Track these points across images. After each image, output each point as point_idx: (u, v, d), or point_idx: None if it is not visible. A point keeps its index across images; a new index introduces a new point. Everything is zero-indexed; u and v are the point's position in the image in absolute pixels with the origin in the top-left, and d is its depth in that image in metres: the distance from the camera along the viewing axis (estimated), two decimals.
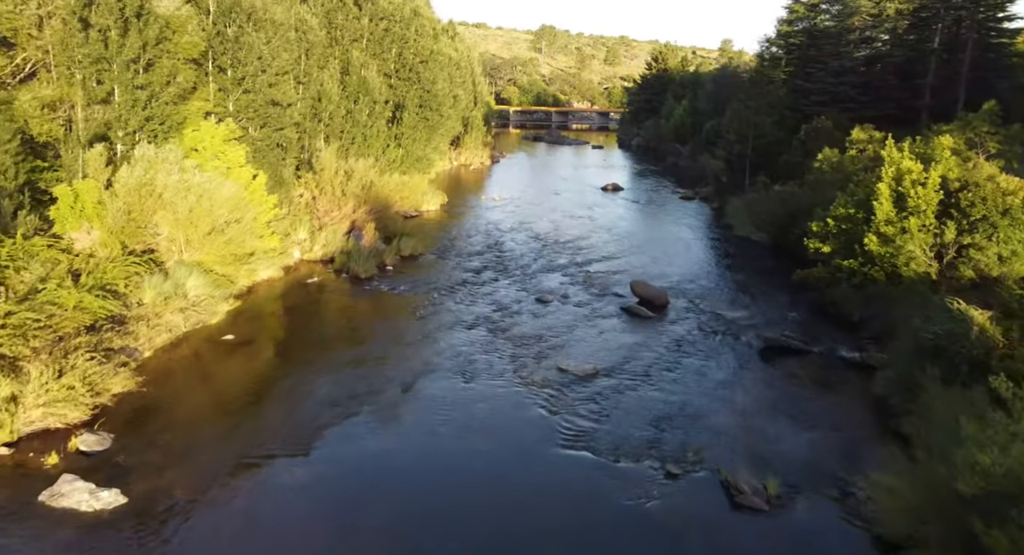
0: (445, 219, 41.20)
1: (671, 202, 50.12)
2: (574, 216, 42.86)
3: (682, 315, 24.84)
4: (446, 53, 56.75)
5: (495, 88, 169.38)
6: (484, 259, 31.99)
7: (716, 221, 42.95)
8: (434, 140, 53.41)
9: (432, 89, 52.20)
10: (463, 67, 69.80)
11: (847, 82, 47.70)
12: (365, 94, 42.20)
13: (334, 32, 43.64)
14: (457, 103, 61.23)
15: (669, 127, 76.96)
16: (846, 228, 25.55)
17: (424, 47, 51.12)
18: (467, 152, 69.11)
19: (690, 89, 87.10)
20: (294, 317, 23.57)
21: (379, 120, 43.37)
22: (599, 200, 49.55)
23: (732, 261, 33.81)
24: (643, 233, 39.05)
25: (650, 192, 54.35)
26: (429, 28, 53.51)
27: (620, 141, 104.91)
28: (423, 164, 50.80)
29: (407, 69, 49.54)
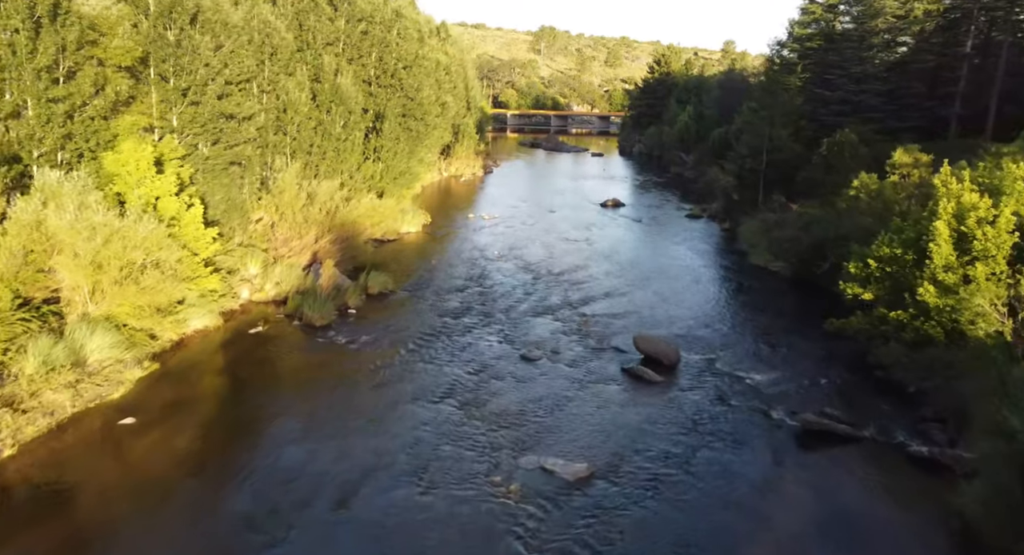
0: (426, 244, 36.93)
1: (676, 221, 45.86)
2: (570, 239, 38.59)
3: (696, 379, 20.55)
4: (433, 57, 52.53)
5: (492, 91, 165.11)
6: (465, 297, 27.73)
7: (728, 245, 38.66)
8: (419, 152, 49.20)
9: (416, 97, 48.01)
10: (454, 71, 65.59)
11: (869, 90, 43.48)
12: (339, 103, 37.99)
13: (305, 35, 39.41)
14: (446, 111, 57.03)
15: (673, 135, 72.73)
16: (892, 271, 21.29)
17: (407, 51, 46.90)
18: (458, 162, 64.91)
19: (694, 94, 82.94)
20: (218, 387, 19.27)
21: (355, 132, 39.15)
22: (598, 219, 45.28)
23: (750, 298, 29.53)
24: (647, 261, 34.77)
25: (653, 208, 50.08)
26: (413, 31, 49.30)
27: (621, 147, 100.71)
28: (406, 178, 46.58)
29: (388, 75, 45.33)
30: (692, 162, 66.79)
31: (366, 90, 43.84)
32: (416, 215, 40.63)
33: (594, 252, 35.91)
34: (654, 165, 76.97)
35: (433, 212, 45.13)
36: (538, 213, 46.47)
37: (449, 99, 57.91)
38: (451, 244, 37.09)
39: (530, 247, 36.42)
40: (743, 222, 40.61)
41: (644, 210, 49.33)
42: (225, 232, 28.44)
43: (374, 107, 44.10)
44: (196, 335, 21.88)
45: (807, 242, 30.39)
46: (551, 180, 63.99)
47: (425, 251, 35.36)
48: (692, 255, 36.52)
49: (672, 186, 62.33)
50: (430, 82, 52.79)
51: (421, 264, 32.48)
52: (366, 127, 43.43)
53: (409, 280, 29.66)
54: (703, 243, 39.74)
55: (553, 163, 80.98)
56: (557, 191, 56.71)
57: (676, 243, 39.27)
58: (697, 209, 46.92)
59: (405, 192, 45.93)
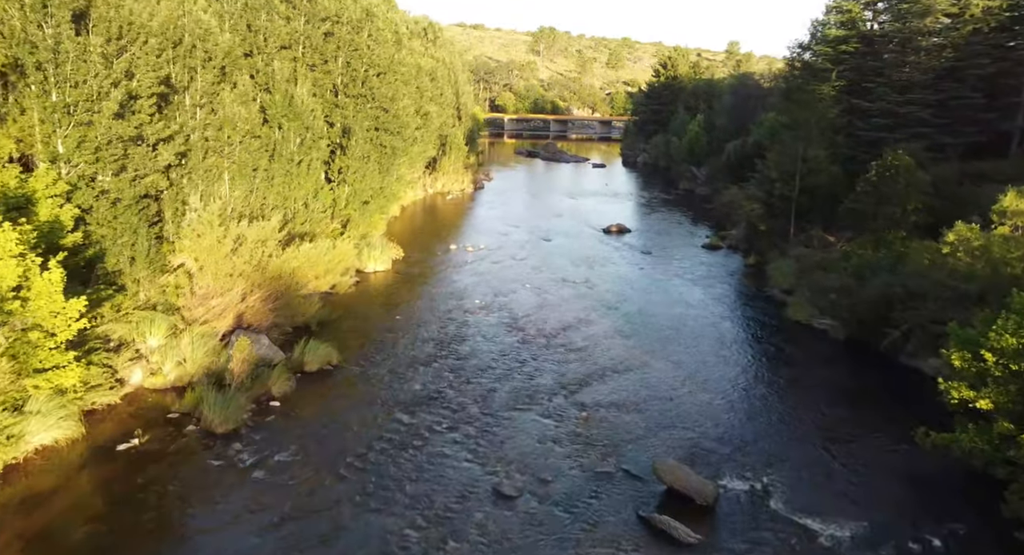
0: (393, 289, 30.63)
1: (691, 252, 39.52)
2: (568, 281, 32.28)
3: (746, 537, 14.25)
4: (412, 62, 46.24)
5: (489, 94, 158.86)
6: (430, 376, 21.45)
7: (756, 287, 32.30)
8: (395, 170, 42.96)
9: (392, 107, 41.78)
10: (441, 77, 59.36)
11: (916, 100, 37.20)
12: (293, 118, 31.81)
13: (254, 38, 33.19)
14: (429, 122, 50.80)
15: (682, 146, 66.43)
16: (1021, 370, 15.01)
17: (381, 56, 40.66)
18: (444, 177, 58.65)
19: (704, 100, 76.67)
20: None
21: (314, 151, 32.96)
22: (601, 250, 38.98)
23: (796, 374, 23.14)
24: (660, 313, 28.41)
25: (663, 235, 43.75)
26: (389, 32, 43.06)
27: (624, 157, 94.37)
28: (380, 202, 40.35)
29: (358, 83, 39.11)
30: (704, 177, 60.48)
31: (331, 101, 37.65)
32: (385, 250, 34.30)
33: (596, 300, 29.60)
34: (661, 179, 70.66)
35: (409, 242, 38.88)
36: (532, 242, 40.19)
37: (433, 108, 51.65)
38: (424, 288, 30.80)
39: (519, 293, 30.14)
40: (773, 258, 34.30)
41: (653, 237, 43.01)
42: (128, 287, 22.26)
43: (341, 120, 37.93)
44: (37, 457, 15.61)
45: (865, 297, 24.07)
46: (548, 197, 57.67)
47: (391, 299, 29.06)
48: (715, 303, 30.18)
49: (682, 205, 55.99)
50: (409, 90, 46.56)
51: (381, 321, 26.20)
52: (332, 144, 37.34)
53: (362, 347, 23.38)
54: (726, 284, 33.39)
55: (551, 175, 74.70)
56: (554, 212, 50.41)
57: (694, 284, 32.92)
58: (715, 238, 40.60)
59: (376, 218, 39.70)
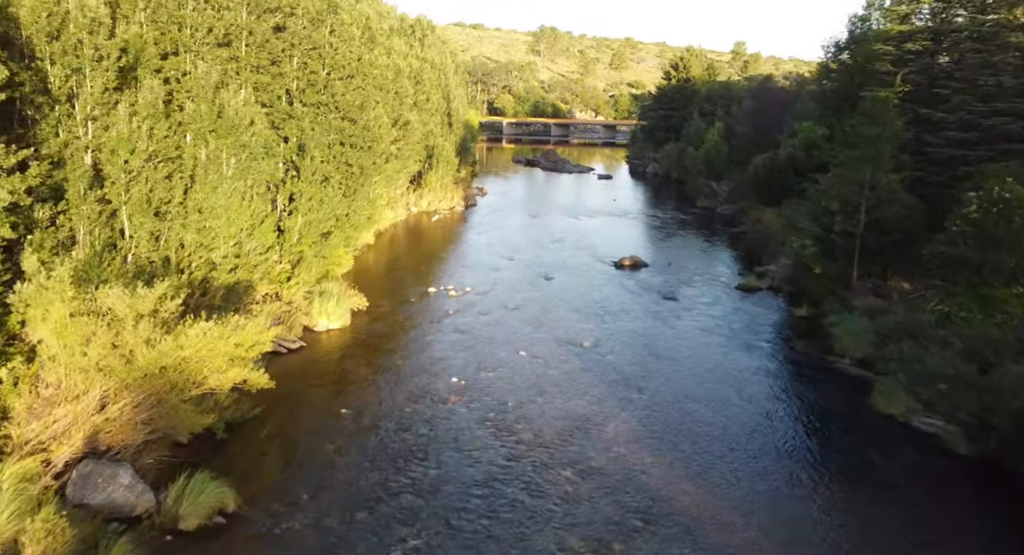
0: (344, 362, 23.36)
1: (724, 295, 32.28)
2: (574, 345, 25.08)
3: None
4: (387, 64, 39.03)
5: (488, 96, 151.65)
6: (376, 537, 14.25)
7: (819, 354, 24.97)
8: (366, 191, 35.83)
9: (360, 118, 34.67)
10: (427, 80, 52.20)
11: (1005, 110, 30.07)
12: (224, 134, 24.71)
13: (179, 33, 26.09)
14: (410, 133, 43.62)
15: (699, 156, 59.22)
16: None
17: (347, 56, 33.53)
18: (431, 195, 51.51)
19: (721, 105, 69.56)
20: None
21: (251, 174, 25.92)
22: (613, 294, 31.78)
23: (914, 517, 15.81)
24: (699, 403, 21.09)
25: (686, 272, 36.50)
26: (358, 28, 35.88)
27: (631, 166, 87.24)
28: (346, 231, 33.22)
29: (317, 89, 32.02)
30: (726, 195, 53.30)
31: (283, 111, 30.55)
32: (343, 299, 27.09)
33: (613, 378, 22.38)
34: (674, 193, 63.51)
35: (379, 283, 31.78)
36: (529, 281, 33.00)
37: (413, 117, 44.44)
38: (387, 358, 23.57)
39: (511, 365, 22.95)
40: (831, 309, 27.11)
41: (674, 275, 35.77)
42: None
43: (298, 134, 30.84)
44: None
45: (1002, 399, 16.82)
46: (548, 218, 50.45)
47: (340, 378, 21.84)
48: (767, 380, 22.94)
49: (702, 228, 48.79)
50: (384, 97, 39.41)
51: (320, 420, 18.98)
52: (286, 163, 30.33)
53: (281, 474, 16.17)
54: (776, 347, 26.16)
55: (552, 189, 67.56)
56: (556, 237, 43.24)
57: (734, 347, 25.68)
58: (752, 278, 33.31)
59: (339, 253, 32.55)
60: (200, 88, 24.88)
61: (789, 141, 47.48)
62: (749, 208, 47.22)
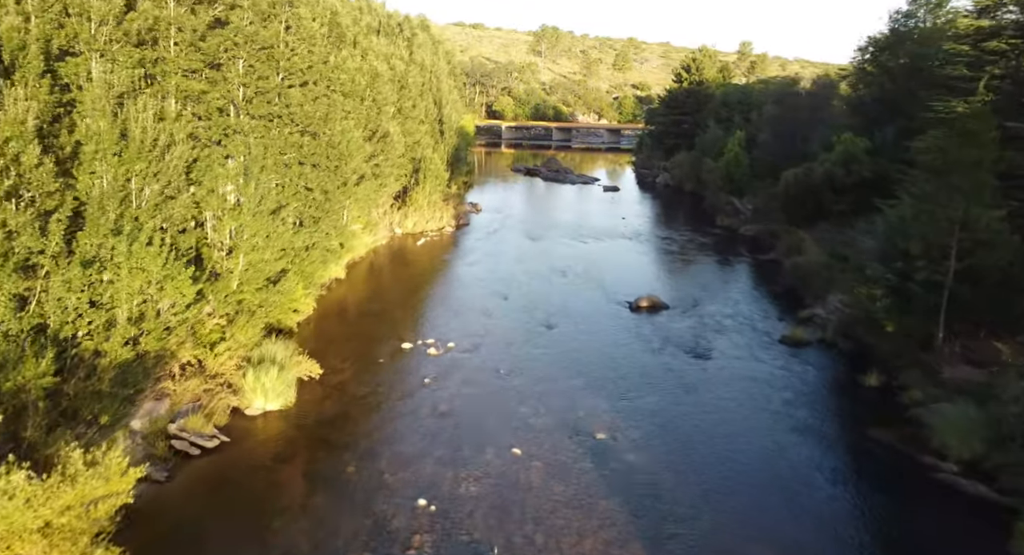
0: (262, 480, 17.27)
1: (765, 351, 26.32)
2: (581, 436, 19.15)
3: None
4: (361, 68, 33.02)
5: (486, 98, 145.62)
6: None
7: (905, 448, 19.00)
8: (330, 219, 30.02)
9: (325, 132, 28.89)
10: (413, 85, 46.29)
11: None
12: (129, 159, 19.02)
13: (79, 27, 20.33)
14: (390, 146, 37.71)
15: (718, 169, 53.26)
16: None
17: (306, 58, 27.68)
18: (417, 214, 45.60)
19: (738, 111, 63.63)
20: None
21: (164, 208, 20.26)
22: (630, 351, 25.84)
23: None
24: (757, 534, 15.26)
25: (716, 316, 30.52)
26: (321, 25, 29.98)
27: (639, 176, 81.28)
28: (304, 267, 27.43)
29: (268, 99, 26.25)
30: (751, 213, 47.36)
31: (221, 125, 24.74)
32: (287, 369, 21.15)
33: (635, 493, 16.47)
34: (689, 209, 57.62)
35: (340, 337, 25.93)
36: (526, 333, 27.08)
37: (394, 128, 38.52)
38: (328, 468, 17.54)
39: (500, 475, 17.03)
40: (916, 382, 21.21)
41: (701, 318, 29.84)
42: None
43: (245, 153, 25.04)
44: None
45: None
46: (550, 242, 44.52)
47: (257, 508, 15.87)
48: (847, 495, 17.02)
49: (727, 253, 42.85)
50: (357, 105, 33.53)
51: None
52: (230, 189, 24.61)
53: None
54: (846, 435, 20.22)
55: (553, 203, 61.66)
56: (558, 267, 37.31)
57: (793, 436, 19.74)
58: (798, 328, 27.30)
59: (295, 296, 26.65)
60: (96, 99, 19.01)
61: (825, 154, 41.59)
62: (780, 231, 41.29)
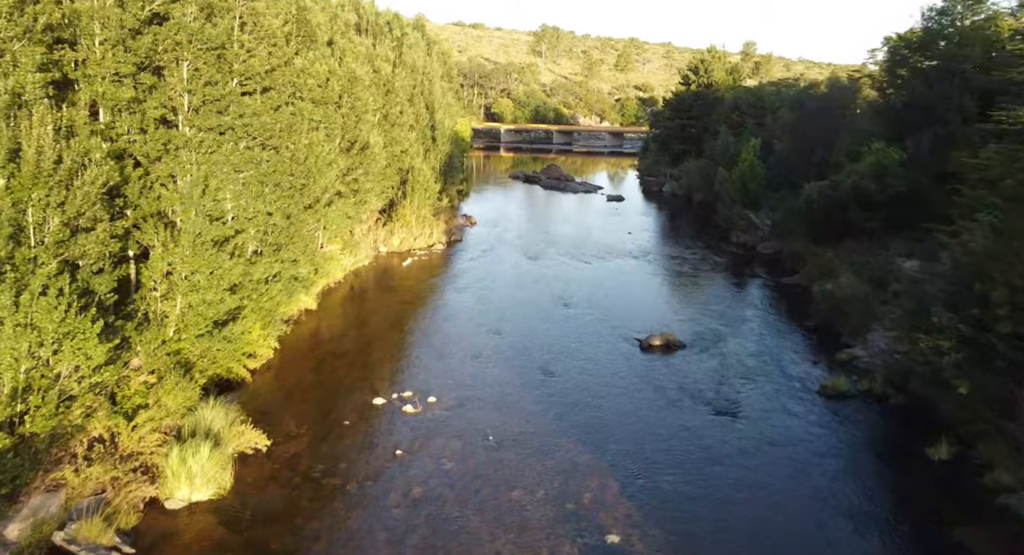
0: None
1: (801, 404, 22.35)
2: (588, 535, 15.22)
3: None
4: (322, 71, 28.96)
5: (485, 100, 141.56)
6: None
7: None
8: (295, 246, 26.07)
9: (289, 146, 24.99)
10: (400, 89, 42.34)
11: None
12: (21, 188, 15.25)
13: None
14: (370, 159, 33.74)
15: (732, 179, 49.26)
16: None
17: (265, 61, 23.73)
18: (404, 230, 41.66)
19: (751, 116, 59.66)
20: None
21: (79, 245, 16.45)
22: (641, 402, 21.87)
23: None
24: None
25: (740, 354, 26.56)
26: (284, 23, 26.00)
27: (644, 183, 77.32)
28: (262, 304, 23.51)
29: (218, 108, 22.32)
30: (769, 229, 43.37)
31: (158, 139, 20.86)
32: (224, 444, 17.20)
33: None
34: (699, 222, 53.63)
35: (299, 390, 21.98)
36: (521, 384, 23.11)
37: (376, 138, 34.55)
38: None
39: None
40: (995, 456, 17.28)
41: (723, 360, 25.86)
42: None
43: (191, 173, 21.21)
44: None
45: None
46: (550, 262, 40.55)
47: None
48: None
49: (746, 276, 38.88)
50: (331, 114, 29.60)
51: None
52: (158, 218, 20.89)
53: None
54: (921, 533, 16.26)
55: (554, 216, 57.67)
56: (559, 294, 33.36)
57: (852, 536, 15.79)
58: (839, 378, 23.24)
59: (248, 338, 22.72)
60: None
61: (852, 166, 37.63)
62: (804, 250, 37.32)
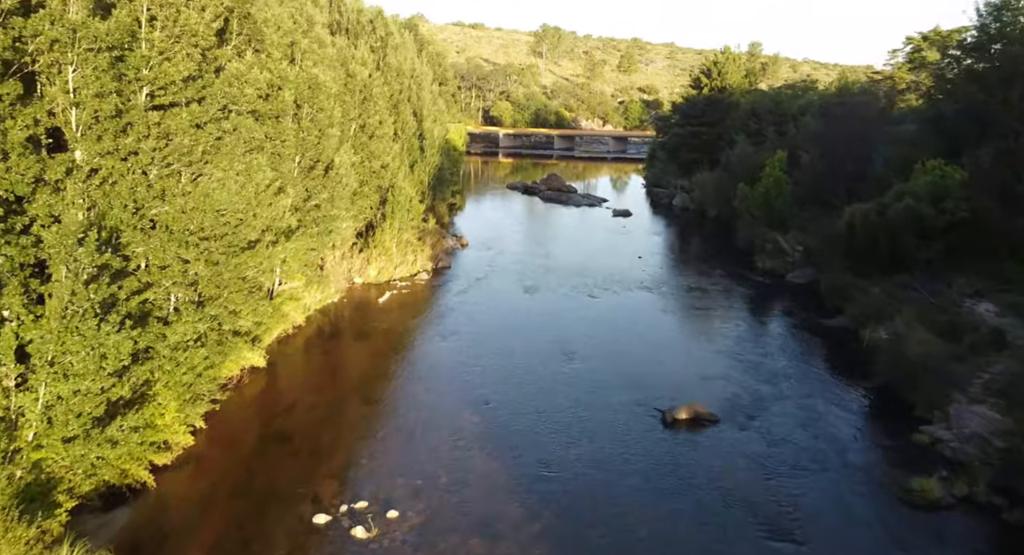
0: None
1: (886, 517, 17.04)
2: None
3: None
4: (262, 79, 23.43)
5: (483, 103, 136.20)
6: None
7: None
8: (232, 292, 20.74)
9: (210, 173, 19.70)
10: (378, 97, 36.98)
11: None
12: None
13: None
14: (332, 182, 28.36)
15: (755, 197, 43.89)
16: None
17: (184, 67, 18.38)
18: (384, 258, 36.35)
19: (771, 123, 54.32)
20: None
21: None
22: (670, 512, 16.49)
23: None
24: None
25: (787, 430, 21.20)
26: (213, 19, 20.58)
27: (653, 195, 71.95)
28: (179, 377, 18.23)
29: (115, 128, 17.03)
30: (800, 256, 37.97)
31: (32, 169, 15.55)
32: None
33: None
34: (718, 242, 48.30)
35: (221, 495, 16.64)
36: (513, 485, 17.76)
37: (343, 158, 29.12)
38: None
39: None
40: None
41: (769, 445, 20.51)
42: None
43: (80, 209, 15.98)
44: None
45: None
46: (550, 297, 35.19)
47: None
48: None
49: (779, 313, 33.54)
50: (280, 131, 24.26)
51: None
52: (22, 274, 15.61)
53: None
54: None
55: (554, 234, 52.33)
56: (561, 342, 28.01)
57: None
58: (932, 482, 17.82)
59: (163, 422, 17.42)
60: None
61: (904, 186, 32.31)
62: (845, 285, 31.98)
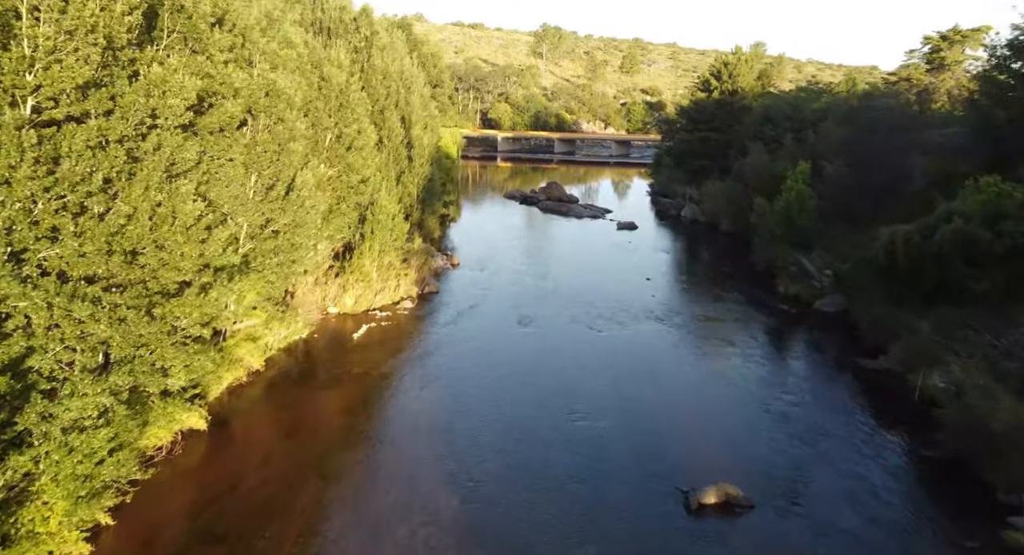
0: None
1: None
2: None
3: None
4: (194, 86, 19.36)
5: (481, 105, 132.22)
6: None
7: None
8: (150, 351, 16.76)
9: (118, 207, 15.66)
10: (357, 104, 32.99)
11: None
12: None
13: None
14: (294, 205, 24.34)
15: (775, 213, 39.86)
16: None
17: (81, 73, 14.39)
18: (362, 284, 32.41)
19: (788, 129, 50.32)
20: None
21: None
22: None
23: None
24: None
25: (842, 530, 17.20)
26: (125, 11, 16.59)
27: (658, 204, 67.93)
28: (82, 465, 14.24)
29: None
30: (829, 281, 33.92)
31: None
32: None
33: None
34: (733, 261, 44.26)
35: None
36: None
37: (307, 176, 25.12)
38: None
39: None
40: None
41: (819, 537, 16.53)
42: None
43: None
44: None
45: None
46: (549, 331, 31.19)
47: None
48: None
49: (810, 351, 29.51)
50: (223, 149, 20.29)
51: None
52: None
53: None
54: None
55: (554, 251, 48.29)
56: (561, 392, 24.01)
57: None
58: None
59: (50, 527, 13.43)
60: None
61: (953, 206, 28.35)
62: (886, 319, 27.98)
